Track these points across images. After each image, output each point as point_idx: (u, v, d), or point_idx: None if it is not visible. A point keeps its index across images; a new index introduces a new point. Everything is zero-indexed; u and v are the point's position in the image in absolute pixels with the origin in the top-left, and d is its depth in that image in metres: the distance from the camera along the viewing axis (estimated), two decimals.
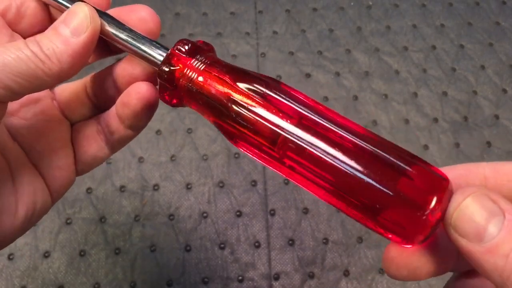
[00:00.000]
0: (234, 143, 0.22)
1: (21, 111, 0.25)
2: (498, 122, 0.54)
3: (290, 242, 0.46)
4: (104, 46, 0.25)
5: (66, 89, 0.26)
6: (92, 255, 0.45)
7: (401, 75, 0.57)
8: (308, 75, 0.56)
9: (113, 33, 0.23)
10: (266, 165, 0.22)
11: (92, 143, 0.26)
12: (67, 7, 0.23)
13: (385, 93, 0.55)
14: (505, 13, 0.62)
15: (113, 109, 0.25)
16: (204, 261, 0.45)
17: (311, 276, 0.45)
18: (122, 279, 0.44)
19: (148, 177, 0.49)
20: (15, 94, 0.20)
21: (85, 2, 0.22)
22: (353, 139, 0.20)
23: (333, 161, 0.19)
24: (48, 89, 0.26)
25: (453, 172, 0.20)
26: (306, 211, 0.48)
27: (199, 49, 0.23)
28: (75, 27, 0.21)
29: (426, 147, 0.52)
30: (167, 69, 0.22)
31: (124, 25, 0.23)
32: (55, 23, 0.21)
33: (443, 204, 0.18)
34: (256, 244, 0.46)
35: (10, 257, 0.45)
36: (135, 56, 0.24)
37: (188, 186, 0.49)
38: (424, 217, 0.18)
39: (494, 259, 0.16)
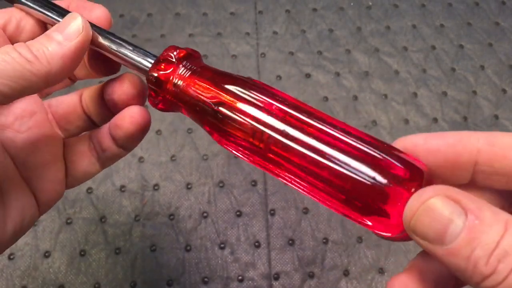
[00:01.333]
0: (224, 145, 0.24)
1: (16, 124, 0.25)
2: (497, 122, 0.54)
3: (290, 242, 0.46)
4: (105, 64, 0.26)
5: (64, 102, 0.27)
6: (93, 255, 0.45)
7: (401, 75, 0.57)
8: (308, 75, 0.56)
9: (104, 44, 0.24)
10: (257, 166, 0.23)
11: (84, 158, 0.27)
12: None
13: (385, 93, 0.55)
14: (505, 13, 0.62)
15: (105, 128, 0.26)
16: (204, 261, 0.45)
17: (311, 276, 0.45)
18: (122, 279, 0.44)
19: (148, 177, 0.49)
20: (6, 97, 0.20)
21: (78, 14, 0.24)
22: (334, 133, 0.21)
23: (316, 154, 0.20)
24: (43, 103, 0.27)
25: (443, 140, 0.19)
26: (306, 211, 0.48)
27: (186, 56, 0.24)
28: (67, 33, 0.22)
29: None
30: (154, 76, 0.24)
31: (116, 36, 0.24)
32: (48, 31, 0.22)
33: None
34: (256, 244, 0.46)
35: (10, 257, 0.45)
36: (125, 64, 0.25)
37: (188, 186, 0.49)
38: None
39: (456, 261, 0.16)
